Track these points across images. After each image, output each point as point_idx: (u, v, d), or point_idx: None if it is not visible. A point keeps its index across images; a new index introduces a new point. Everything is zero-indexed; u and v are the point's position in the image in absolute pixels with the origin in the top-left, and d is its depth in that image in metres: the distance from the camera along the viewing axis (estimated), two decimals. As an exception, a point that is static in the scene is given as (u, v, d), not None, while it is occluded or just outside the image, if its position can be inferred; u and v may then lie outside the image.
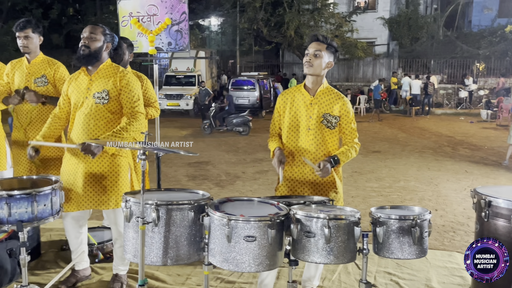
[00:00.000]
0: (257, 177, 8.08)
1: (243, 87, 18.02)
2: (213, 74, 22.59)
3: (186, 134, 13.58)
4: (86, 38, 3.11)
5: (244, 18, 21.23)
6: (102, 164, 3.13)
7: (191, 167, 8.88)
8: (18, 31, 3.78)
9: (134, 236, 2.46)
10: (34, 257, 3.85)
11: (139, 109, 3.16)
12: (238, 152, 10.65)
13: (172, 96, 17.63)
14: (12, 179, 3.06)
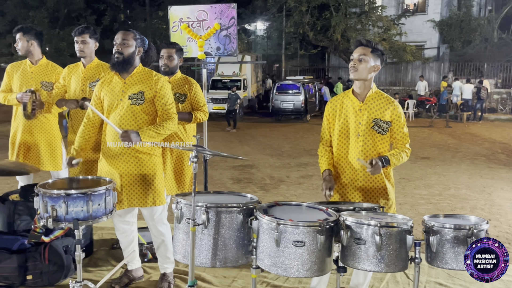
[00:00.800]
0: (301, 181, 8.04)
1: (288, 91, 17.98)
2: (258, 78, 22.70)
3: (231, 137, 13.70)
4: (119, 45, 3.20)
5: (290, 22, 21.22)
6: (138, 164, 3.21)
7: (236, 170, 8.95)
8: (76, 36, 3.95)
9: (184, 237, 2.51)
10: (87, 255, 4.00)
11: (173, 111, 3.27)
12: (283, 156, 10.63)
13: (218, 100, 17.84)
14: (69, 179, 3.18)
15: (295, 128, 15.98)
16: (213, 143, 11.27)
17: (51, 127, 4.32)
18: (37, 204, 2.71)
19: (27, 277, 3.47)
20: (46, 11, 24.25)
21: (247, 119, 18.65)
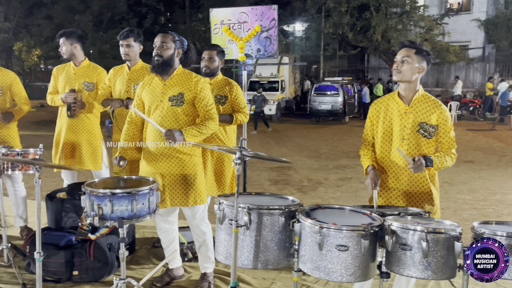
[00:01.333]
0: (340, 184, 7.94)
1: (326, 93, 17.83)
2: (296, 79, 22.63)
3: (268, 139, 13.71)
4: (158, 48, 3.23)
5: (329, 23, 21.03)
6: (180, 164, 3.25)
7: (274, 171, 8.94)
8: (121, 40, 4.05)
9: (226, 238, 2.52)
10: (129, 253, 4.08)
11: (214, 111, 3.30)
12: (320, 158, 10.54)
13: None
14: (114, 178, 3.27)
15: (333, 130, 15.82)
16: (250, 145, 11.30)
17: (93, 127, 4.45)
18: (84, 202, 2.79)
19: (74, 273, 3.58)
20: (91, 15, 25.07)
21: (284, 120, 18.61)
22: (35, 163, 2.82)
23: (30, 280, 3.60)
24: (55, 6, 25.48)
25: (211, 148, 2.89)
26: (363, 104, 19.39)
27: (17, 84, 4.42)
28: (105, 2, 25.25)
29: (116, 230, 3.70)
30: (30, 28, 26.90)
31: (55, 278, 3.58)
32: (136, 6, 27.08)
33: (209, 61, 3.96)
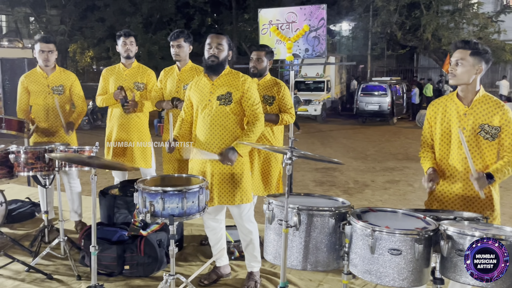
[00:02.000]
0: (387, 186, 7.78)
1: (373, 93, 17.50)
2: (342, 79, 22.36)
3: (313, 139, 13.61)
4: (214, 48, 3.24)
5: (377, 22, 20.60)
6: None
7: (319, 172, 8.88)
8: (172, 40, 4.14)
9: (276, 238, 2.52)
10: (178, 249, 4.17)
11: (260, 111, 3.31)
12: (367, 159, 10.36)
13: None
14: (165, 177, 3.34)
15: (381, 131, 15.51)
16: (296, 145, 11.25)
17: (143, 126, 4.58)
18: (136, 199, 2.86)
19: (125, 267, 3.69)
20: (141, 17, 25.76)
21: (330, 121, 18.43)
22: (92, 162, 2.92)
23: (84, 273, 3.74)
24: (107, 9, 26.37)
25: (262, 148, 2.89)
26: (412, 105, 18.89)
27: (77, 85, 4.61)
28: (155, 4, 25.87)
29: (166, 227, 3.78)
30: (83, 30, 27.98)
31: (108, 272, 3.70)
32: (184, 8, 27.57)
33: (257, 62, 3.98)
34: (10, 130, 3.76)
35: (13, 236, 4.48)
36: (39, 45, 4.34)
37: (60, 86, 4.48)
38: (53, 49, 4.41)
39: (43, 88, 4.44)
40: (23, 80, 4.49)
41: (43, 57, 4.37)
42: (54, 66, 4.52)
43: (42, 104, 4.44)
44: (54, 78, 4.49)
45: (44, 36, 4.44)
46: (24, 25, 33.01)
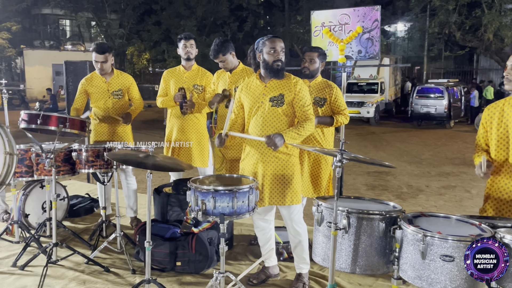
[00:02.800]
0: (442, 192, 7.52)
1: (429, 95, 16.95)
2: (397, 81, 21.81)
3: (366, 142, 13.37)
4: (279, 52, 3.26)
5: (434, 22, 19.93)
6: (279, 164, 3.30)
7: (371, 176, 8.71)
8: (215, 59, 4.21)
9: (324, 240, 2.53)
10: (228, 248, 4.24)
11: (311, 112, 3.31)
12: (422, 164, 10.05)
13: (353, 104, 17.55)
14: (217, 176, 3.42)
15: (437, 135, 15.00)
16: (347, 147, 11.11)
17: (201, 127, 4.70)
18: (189, 197, 2.96)
19: (177, 263, 3.81)
20: (195, 20, 26.36)
21: (383, 123, 18.03)
22: (148, 163, 3.04)
23: (139, 267, 3.90)
24: (163, 13, 27.21)
25: (311, 150, 2.89)
26: (470, 108, 18.11)
27: (134, 87, 4.83)
28: (209, 7, 26.40)
29: (216, 225, 3.86)
30: (141, 33, 29.03)
31: (160, 267, 3.83)
32: (237, 11, 27.93)
33: (310, 63, 3.98)
34: (73, 129, 3.98)
35: (74, 229, 4.74)
36: (94, 55, 4.57)
37: (119, 90, 4.69)
38: (106, 59, 4.59)
39: (103, 92, 4.67)
40: (83, 83, 4.74)
41: (97, 67, 4.61)
42: (111, 71, 4.73)
43: (102, 107, 4.67)
44: (113, 82, 4.70)
45: (97, 46, 4.58)
46: (86, 29, 34.68)
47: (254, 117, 3.36)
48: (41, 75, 30.20)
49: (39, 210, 4.66)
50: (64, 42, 36.60)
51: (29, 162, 4.04)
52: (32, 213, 4.60)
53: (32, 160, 4.02)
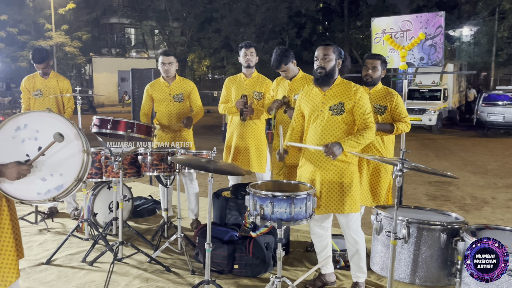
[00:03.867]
0: (510, 205, 7.14)
1: (497, 103, 16.14)
2: (461, 88, 20.94)
3: (427, 150, 12.94)
4: (321, 60, 3.30)
5: (503, 25, 19.01)
6: (337, 172, 3.30)
7: (432, 186, 8.43)
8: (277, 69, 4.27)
9: (383, 250, 2.51)
10: (284, 253, 4.27)
11: (371, 120, 3.29)
12: (487, 174, 9.59)
13: (414, 111, 17.04)
14: (275, 182, 3.47)
15: (505, 144, 14.24)
16: (407, 156, 10.81)
17: (260, 133, 4.78)
18: (247, 202, 3.03)
19: (234, 266, 3.89)
20: (254, 27, 26.72)
21: (446, 131, 17.37)
22: (210, 167, 3.15)
23: (198, 268, 4.02)
24: (223, 20, 27.81)
25: (370, 158, 2.88)
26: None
27: (195, 93, 5.01)
28: (268, 14, 26.68)
29: (274, 230, 3.92)
30: (201, 41, 29.83)
31: (218, 269, 3.94)
32: (295, 17, 28.02)
33: (372, 70, 3.96)
34: (140, 134, 4.20)
35: (137, 229, 4.96)
36: (161, 58, 4.81)
37: (180, 94, 4.89)
38: (172, 61, 4.86)
39: (165, 96, 4.88)
40: (148, 88, 4.99)
41: (164, 68, 4.82)
42: (174, 76, 4.95)
43: (164, 111, 4.89)
44: (174, 87, 4.91)
45: (165, 50, 4.90)
46: (150, 37, 36.14)
47: (313, 125, 3.39)
48: (108, 81, 31.81)
49: (106, 210, 4.94)
50: (129, 49, 38.35)
51: (99, 164, 4.29)
52: (100, 212, 4.88)
53: (102, 163, 4.27)
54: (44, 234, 4.88)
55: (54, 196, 2.52)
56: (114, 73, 31.61)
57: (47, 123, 2.55)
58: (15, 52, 26.75)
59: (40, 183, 2.51)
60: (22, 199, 2.54)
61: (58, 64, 27.70)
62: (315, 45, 3.90)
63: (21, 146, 2.52)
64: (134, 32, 40.09)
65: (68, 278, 3.83)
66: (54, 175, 2.50)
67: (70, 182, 2.50)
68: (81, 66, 33.17)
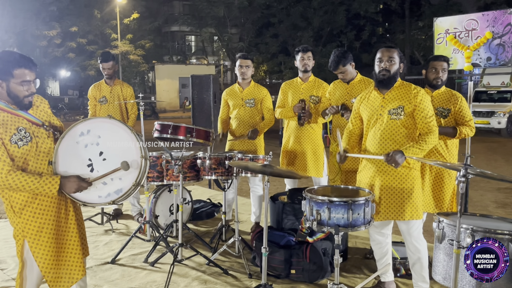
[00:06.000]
0: None
1: None
2: (533, 89, 19.65)
3: (495, 155, 12.26)
4: (386, 62, 3.22)
5: None
6: (398, 177, 3.21)
7: (501, 193, 7.97)
8: (335, 71, 4.25)
9: (445, 259, 2.41)
10: (342, 260, 4.22)
11: (433, 123, 3.19)
12: None
13: (481, 114, 16.22)
14: (332, 187, 3.44)
15: None
16: (474, 161, 10.31)
17: (317, 137, 4.74)
18: (304, 207, 3.02)
19: (291, 271, 3.88)
20: (312, 31, 26.59)
21: (517, 135, 16.38)
22: (266, 171, 3.17)
23: (255, 272, 4.05)
24: (281, 25, 27.91)
25: (433, 164, 2.78)
26: None
27: (267, 100, 4.98)
28: (326, 17, 26.47)
29: (331, 236, 3.87)
30: (259, 46, 30.12)
31: (275, 274, 3.94)
32: (354, 19, 27.60)
33: (442, 72, 3.81)
34: (199, 139, 4.30)
35: (197, 232, 5.08)
36: (239, 61, 4.88)
37: (251, 99, 4.92)
38: (250, 65, 4.89)
39: (238, 101, 4.95)
40: (224, 95, 5.09)
41: (241, 71, 4.88)
42: (249, 81, 4.98)
43: (235, 116, 4.94)
44: (247, 92, 4.95)
45: (243, 54, 4.97)
46: (209, 44, 36.95)
47: (372, 129, 3.32)
48: (169, 87, 32.88)
49: (167, 212, 5.10)
50: (190, 56, 39.46)
51: (160, 168, 4.44)
52: (161, 214, 5.05)
53: (163, 166, 4.42)
54: (109, 235, 5.12)
55: (114, 199, 2.64)
56: (175, 79, 32.64)
57: (107, 128, 2.68)
58: (84, 61, 28.34)
59: (101, 187, 2.64)
60: (84, 202, 2.69)
61: (123, 72, 29.03)
62: (375, 48, 3.83)
63: (84, 151, 2.68)
64: (194, 39, 41.19)
65: (131, 278, 3.99)
66: (114, 179, 2.63)
67: (128, 186, 2.62)
68: (144, 74, 34.54)
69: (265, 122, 4.93)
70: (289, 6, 27.48)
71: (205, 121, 6.73)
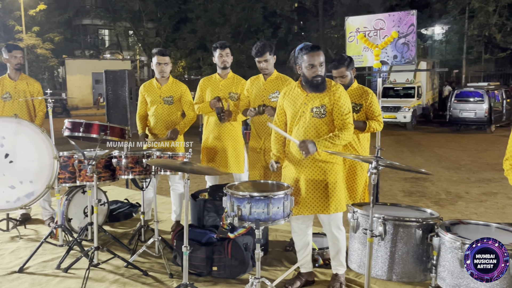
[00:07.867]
0: (483, 199, 7.30)
1: (469, 99, 16.51)
2: (434, 85, 21.34)
3: (402, 147, 13.14)
4: (319, 67, 3.22)
5: (473, 24, 19.46)
6: (320, 172, 3.30)
7: (408, 182, 8.56)
8: (258, 57, 4.25)
9: (360, 247, 2.52)
10: (263, 254, 4.27)
11: (350, 120, 3.27)
12: (461, 169, 9.80)
13: (389, 109, 17.30)
14: (252, 182, 3.46)
15: (477, 140, 14.58)
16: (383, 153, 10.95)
17: (237, 134, 4.75)
18: (225, 203, 3.01)
19: (213, 268, 3.86)
20: (230, 27, 26.64)
21: (420, 128, 17.68)
22: (186, 168, 3.12)
23: (176, 271, 3.98)
24: (198, 21, 27.65)
25: (346, 156, 2.89)
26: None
27: (186, 96, 4.87)
28: (243, 14, 26.66)
29: (252, 231, 3.90)
30: (177, 41, 29.59)
31: (197, 272, 3.90)
32: (271, 17, 28.08)
33: (342, 79, 3.99)
34: (114, 137, 4.12)
35: (114, 234, 4.88)
36: (156, 58, 4.70)
37: (170, 97, 4.79)
38: (168, 62, 4.75)
39: (156, 98, 4.79)
40: (141, 90, 4.90)
41: (159, 69, 4.72)
42: (168, 78, 4.84)
43: (153, 113, 4.79)
44: (165, 89, 4.81)
45: (160, 50, 4.78)
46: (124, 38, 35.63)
47: (296, 126, 3.37)
48: (82, 83, 31.25)
49: (81, 215, 4.84)
50: (103, 51, 37.77)
51: (72, 169, 4.19)
52: (75, 217, 4.78)
53: (75, 167, 4.18)
54: (16, 242, 4.75)
55: (25, 204, 2.45)
56: (88, 75, 31.07)
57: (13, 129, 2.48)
58: (-17, 55, 26.03)
59: (9, 191, 2.44)
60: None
61: (29, 67, 27.08)
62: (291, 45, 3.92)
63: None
64: (108, 34, 39.52)
65: (41, 286, 3.74)
66: (23, 182, 2.44)
67: (41, 189, 2.44)
68: (53, 69, 32.50)
69: (186, 121, 4.84)
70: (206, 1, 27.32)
71: (121, 118, 6.49)
